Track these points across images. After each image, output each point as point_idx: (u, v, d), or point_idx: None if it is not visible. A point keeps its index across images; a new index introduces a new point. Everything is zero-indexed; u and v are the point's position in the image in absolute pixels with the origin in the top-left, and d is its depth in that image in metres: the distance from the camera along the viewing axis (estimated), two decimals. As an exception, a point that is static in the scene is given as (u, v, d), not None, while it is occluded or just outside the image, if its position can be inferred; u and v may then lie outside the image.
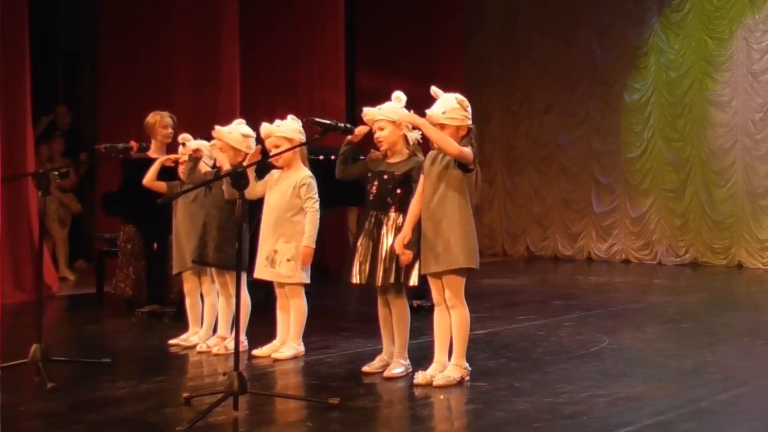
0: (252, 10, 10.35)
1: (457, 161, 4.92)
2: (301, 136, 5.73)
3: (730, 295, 9.61)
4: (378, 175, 5.28)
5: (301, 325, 5.83)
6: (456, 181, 4.95)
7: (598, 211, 12.48)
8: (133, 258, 7.65)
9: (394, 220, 5.23)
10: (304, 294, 5.84)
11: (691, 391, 4.92)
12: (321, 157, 7.39)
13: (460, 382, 5.00)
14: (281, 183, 5.78)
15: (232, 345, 5.22)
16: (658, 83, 11.95)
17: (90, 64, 11.56)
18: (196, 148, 6.18)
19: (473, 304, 5.21)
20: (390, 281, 5.16)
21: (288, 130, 5.74)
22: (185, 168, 6.21)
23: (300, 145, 5.65)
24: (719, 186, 11.53)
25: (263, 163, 5.74)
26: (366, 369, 5.33)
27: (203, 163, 6.17)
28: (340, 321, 7.32)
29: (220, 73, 9.51)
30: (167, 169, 6.55)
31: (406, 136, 5.27)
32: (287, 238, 5.71)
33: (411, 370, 5.23)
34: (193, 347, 6.10)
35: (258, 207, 5.93)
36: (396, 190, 5.23)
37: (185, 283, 6.39)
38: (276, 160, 5.70)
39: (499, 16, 13.32)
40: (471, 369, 5.12)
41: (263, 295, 6.56)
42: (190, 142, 6.30)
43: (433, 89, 5.07)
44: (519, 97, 13.16)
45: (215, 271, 6.09)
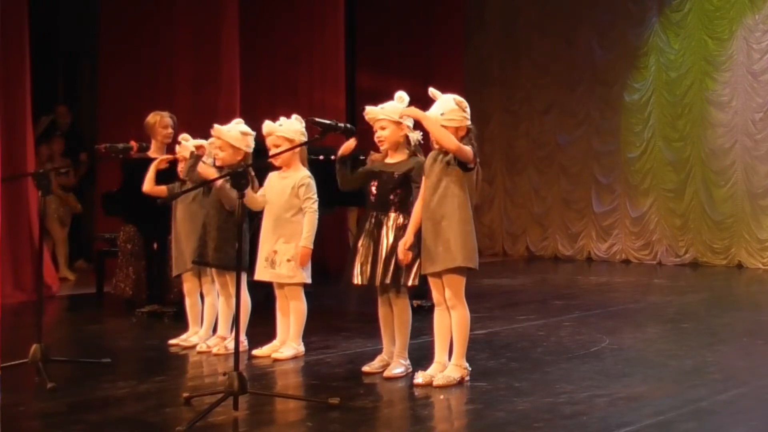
0: (252, 10, 10.34)
1: (457, 160, 4.92)
2: (303, 137, 5.72)
3: (730, 295, 9.61)
4: (378, 176, 5.28)
5: (301, 326, 5.83)
6: (456, 180, 4.94)
7: (598, 211, 12.48)
8: (133, 258, 7.65)
9: (394, 220, 5.22)
10: (304, 294, 5.84)
11: (691, 391, 4.92)
12: (321, 157, 7.39)
13: (460, 382, 5.00)
14: (280, 183, 5.77)
15: (232, 345, 5.22)
16: (658, 83, 11.95)
17: (90, 64, 11.56)
18: (199, 145, 6.17)
19: (473, 304, 5.21)
20: (391, 281, 5.16)
21: (289, 130, 5.72)
22: (185, 166, 6.19)
23: (299, 145, 5.65)
24: (719, 186, 11.53)
25: (263, 162, 5.74)
26: (366, 369, 5.33)
27: (203, 163, 6.15)
28: (340, 321, 7.32)
29: (220, 73, 9.51)
30: (166, 172, 6.53)
31: (408, 137, 5.27)
32: (287, 238, 5.71)
33: (411, 370, 5.23)
34: (193, 347, 6.10)
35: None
36: (396, 190, 5.23)
37: (185, 284, 6.39)
38: (275, 160, 5.70)
39: (499, 16, 13.32)
40: (471, 369, 5.12)
41: (263, 295, 6.55)
42: (188, 142, 6.30)
43: (431, 90, 5.06)
44: (519, 97, 13.16)
45: (215, 271, 6.08)
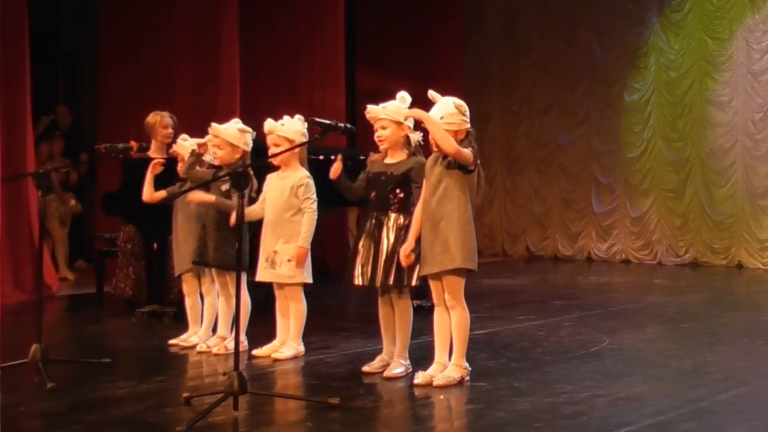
0: (252, 10, 10.34)
1: (457, 162, 4.92)
2: (303, 137, 5.71)
3: (730, 295, 9.61)
4: (378, 176, 5.28)
5: (301, 325, 5.83)
6: (456, 181, 4.94)
7: (598, 211, 12.48)
8: (133, 258, 7.65)
9: (395, 220, 5.22)
10: (304, 294, 5.84)
11: (691, 391, 4.92)
12: (321, 157, 7.38)
13: (460, 382, 5.00)
14: (279, 184, 5.77)
15: (232, 345, 5.22)
16: (658, 83, 11.95)
17: (90, 64, 11.56)
18: (201, 143, 6.16)
19: (473, 304, 5.21)
20: (394, 283, 5.16)
21: (290, 130, 5.72)
22: (185, 164, 6.19)
23: (297, 146, 5.64)
24: (719, 186, 11.53)
25: (262, 162, 5.74)
26: (366, 369, 5.33)
27: (198, 168, 6.13)
28: (340, 321, 7.32)
29: (220, 73, 9.50)
30: (166, 175, 6.51)
31: (408, 137, 5.27)
32: (287, 238, 5.71)
33: (411, 370, 5.23)
34: (193, 347, 6.10)
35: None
36: (396, 191, 5.23)
37: (185, 284, 6.39)
38: (273, 159, 5.70)
39: (499, 16, 13.32)
40: (471, 369, 5.12)
41: (263, 295, 6.55)
42: (186, 141, 6.30)
43: (431, 93, 5.05)
44: (519, 97, 13.16)
45: (215, 272, 6.08)
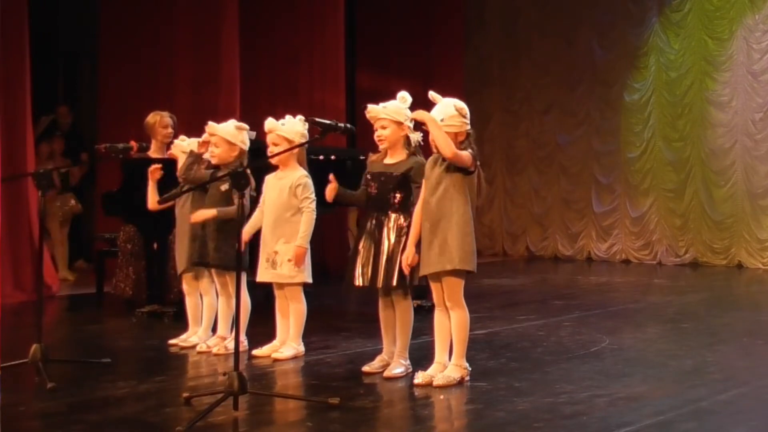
0: (252, 10, 10.34)
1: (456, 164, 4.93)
2: (302, 138, 5.71)
3: (730, 295, 9.61)
4: (377, 176, 5.28)
5: (301, 325, 5.83)
6: (456, 182, 4.94)
7: (598, 211, 12.47)
8: (133, 258, 7.65)
9: (395, 221, 5.22)
10: (303, 294, 5.84)
11: (691, 391, 4.92)
12: (321, 157, 7.39)
13: (460, 382, 5.00)
14: (277, 184, 5.77)
15: (232, 345, 5.22)
16: (658, 83, 11.95)
17: (90, 64, 11.56)
18: (202, 142, 6.15)
19: (473, 304, 5.21)
20: (392, 283, 5.16)
21: (290, 131, 5.72)
22: (183, 165, 6.18)
23: (296, 147, 5.64)
24: (719, 186, 11.53)
25: (261, 162, 5.74)
26: (366, 369, 5.33)
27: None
28: (340, 321, 7.32)
29: (220, 73, 9.50)
30: (168, 179, 6.51)
31: (408, 137, 5.27)
32: (287, 238, 5.71)
33: (411, 370, 5.23)
34: (193, 347, 6.09)
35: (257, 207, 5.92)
36: (396, 191, 5.23)
37: (185, 284, 6.38)
38: (272, 159, 5.70)
39: (499, 16, 13.31)
40: (471, 369, 5.12)
41: (263, 295, 6.55)
42: (184, 142, 6.29)
43: (431, 94, 5.05)
44: (519, 97, 13.15)
45: (215, 272, 6.07)
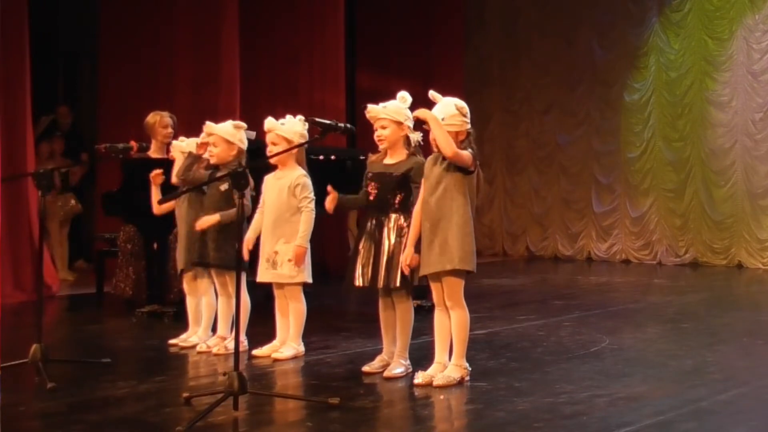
0: (252, 10, 10.35)
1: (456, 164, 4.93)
2: (301, 138, 5.71)
3: (730, 295, 9.61)
4: (377, 177, 5.28)
5: (301, 325, 5.83)
6: (456, 182, 4.94)
7: (598, 211, 12.47)
8: (133, 258, 7.65)
9: (395, 221, 5.22)
10: (303, 294, 5.84)
11: (691, 391, 4.92)
12: (321, 157, 7.39)
13: (460, 382, 5.00)
14: (276, 184, 5.77)
15: (232, 345, 5.22)
16: (658, 83, 11.95)
17: (90, 64, 11.56)
18: (200, 144, 6.15)
19: (473, 304, 5.21)
20: (395, 284, 5.15)
21: (289, 131, 5.72)
22: (181, 166, 6.17)
23: (294, 147, 5.64)
24: (719, 186, 11.53)
25: (261, 163, 5.74)
26: (366, 369, 5.33)
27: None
28: (340, 321, 7.32)
29: (220, 73, 9.51)
30: (168, 181, 6.50)
31: (408, 137, 5.27)
32: (287, 238, 5.70)
33: (411, 370, 5.22)
34: (193, 347, 6.09)
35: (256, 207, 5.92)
36: (396, 191, 5.23)
37: (185, 284, 6.38)
38: (271, 159, 5.70)
39: (499, 16, 13.31)
40: (471, 369, 5.12)
41: (263, 295, 6.55)
42: (183, 142, 6.29)
43: (432, 93, 5.05)
44: (519, 97, 13.16)
45: (215, 271, 6.07)
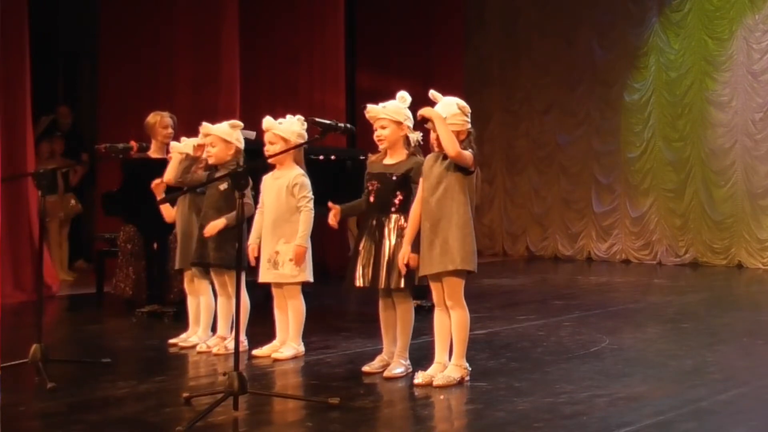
0: (252, 10, 10.35)
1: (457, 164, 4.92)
2: (300, 138, 5.71)
3: (730, 295, 9.61)
4: (377, 177, 5.28)
5: (301, 325, 5.83)
6: (456, 182, 4.94)
7: (598, 211, 12.47)
8: (133, 258, 7.65)
9: (395, 221, 5.22)
10: (302, 294, 5.84)
11: (691, 391, 4.92)
12: (321, 157, 7.39)
13: (460, 382, 5.00)
14: (275, 184, 5.77)
15: (231, 345, 5.22)
16: (658, 83, 11.95)
17: (90, 64, 11.56)
18: (197, 146, 6.15)
19: (473, 304, 5.21)
20: (398, 285, 5.15)
21: (287, 130, 5.72)
22: (180, 168, 6.17)
23: (293, 147, 5.63)
24: (719, 186, 11.53)
25: (260, 163, 5.75)
26: (366, 369, 5.33)
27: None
28: (340, 321, 7.32)
29: (220, 73, 9.51)
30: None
31: (408, 137, 5.27)
32: (287, 238, 5.70)
33: (411, 370, 5.22)
34: (193, 347, 6.09)
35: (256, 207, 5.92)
36: (396, 191, 5.23)
37: (186, 283, 6.38)
38: (269, 159, 5.70)
39: (499, 16, 13.31)
40: (471, 369, 5.12)
41: (263, 295, 6.55)
42: (183, 144, 6.29)
43: (432, 93, 5.05)
44: (519, 97, 13.16)
45: (214, 271, 6.07)
